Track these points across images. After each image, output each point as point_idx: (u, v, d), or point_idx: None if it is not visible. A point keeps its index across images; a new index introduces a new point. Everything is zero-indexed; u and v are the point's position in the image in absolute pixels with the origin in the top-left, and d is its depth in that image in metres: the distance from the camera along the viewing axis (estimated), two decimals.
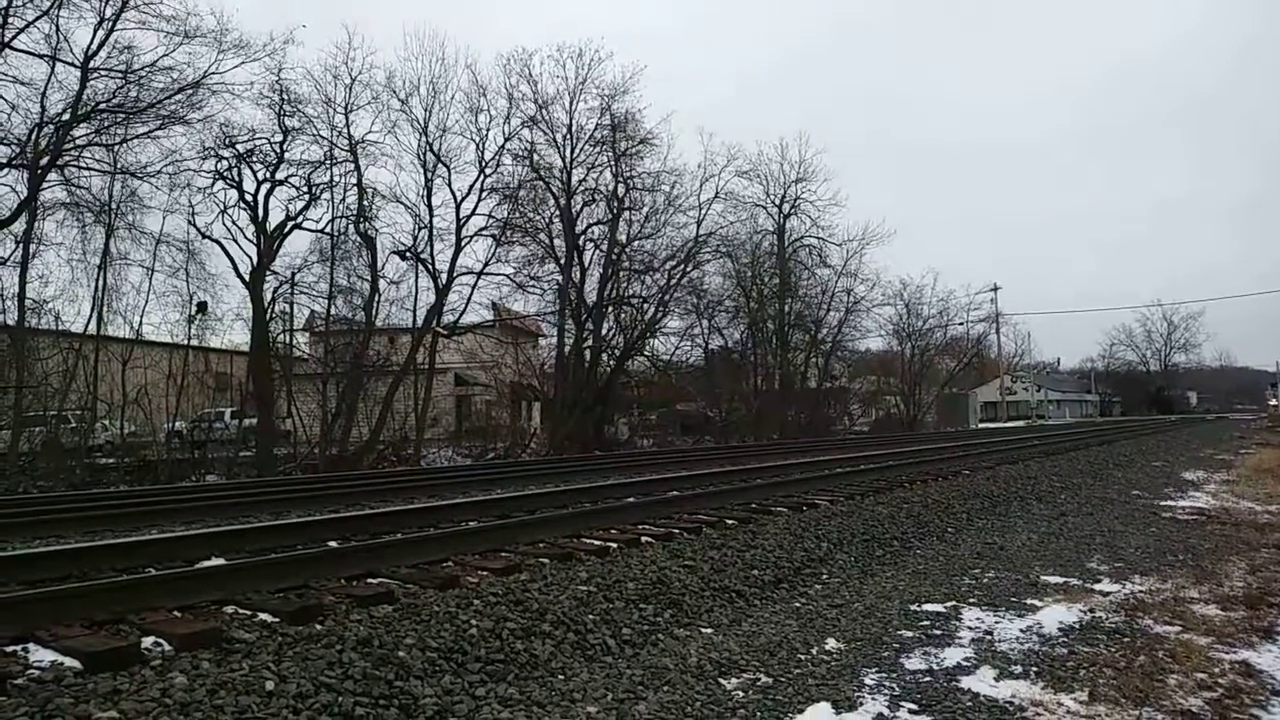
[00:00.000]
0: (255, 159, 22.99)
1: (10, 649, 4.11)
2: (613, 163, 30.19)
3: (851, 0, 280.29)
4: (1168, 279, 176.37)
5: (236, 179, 22.87)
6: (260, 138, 22.88)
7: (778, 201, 40.74)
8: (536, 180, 29.30)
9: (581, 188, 30.19)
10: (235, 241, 22.97)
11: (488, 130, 26.87)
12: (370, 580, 5.81)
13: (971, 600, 6.53)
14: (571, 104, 29.22)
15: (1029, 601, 6.48)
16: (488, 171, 26.92)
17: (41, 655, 4.07)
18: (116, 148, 20.90)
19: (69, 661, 3.97)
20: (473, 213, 26.69)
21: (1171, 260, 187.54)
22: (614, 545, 7.28)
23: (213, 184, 22.67)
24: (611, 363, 31.81)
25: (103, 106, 20.29)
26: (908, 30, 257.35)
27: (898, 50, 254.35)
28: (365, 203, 24.72)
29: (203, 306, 23.82)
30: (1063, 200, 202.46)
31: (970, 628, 5.75)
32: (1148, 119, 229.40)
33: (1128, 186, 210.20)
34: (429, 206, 25.84)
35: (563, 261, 29.81)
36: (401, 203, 25.80)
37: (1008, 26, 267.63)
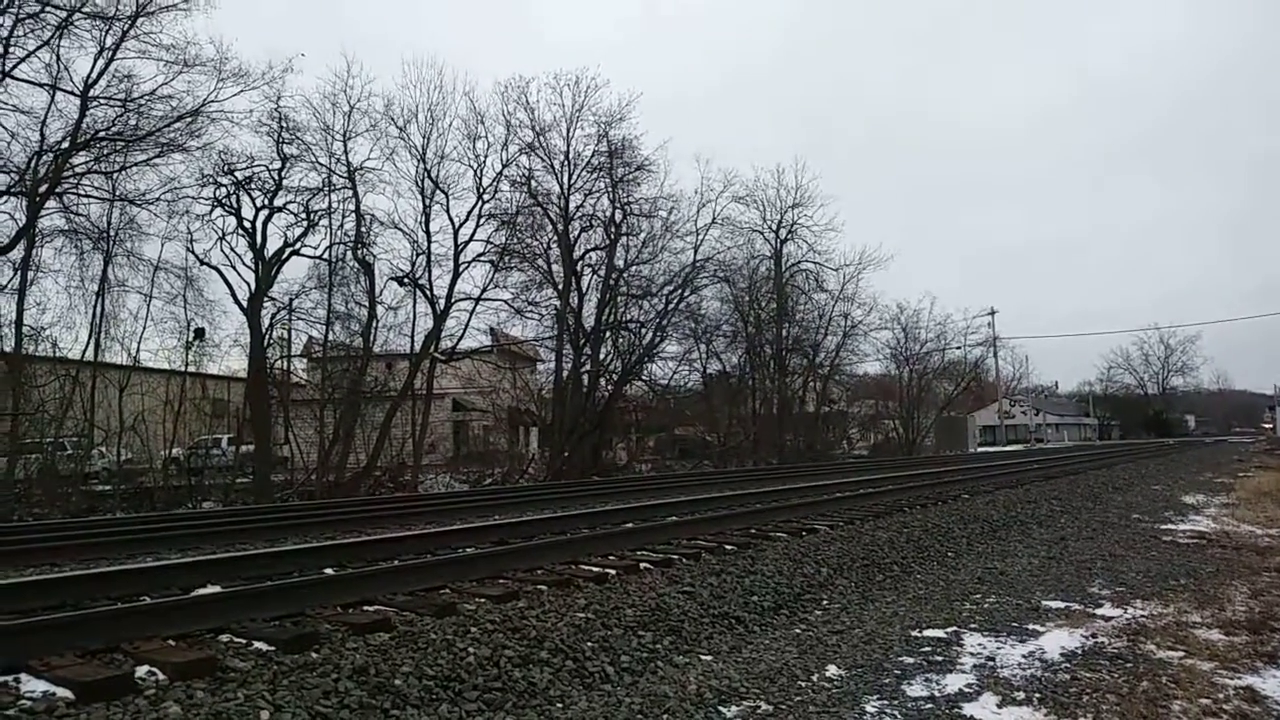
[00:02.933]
0: (254, 186, 23.14)
1: (1, 679, 4.06)
2: (610, 189, 30.41)
3: (848, 22, 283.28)
4: (1166, 301, 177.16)
5: (235, 206, 22.99)
6: (259, 165, 23.05)
7: (775, 227, 40.99)
8: (534, 206, 29.49)
9: (579, 214, 30.43)
10: (233, 268, 23.07)
11: (485, 157, 27.11)
12: (367, 608, 5.76)
13: (973, 626, 6.48)
14: (569, 131, 29.53)
15: (1031, 627, 6.44)
16: (486, 198, 27.12)
17: (34, 685, 4.01)
18: (115, 175, 21.01)
19: (61, 691, 3.91)
20: (471, 238, 26.86)
21: (1170, 282, 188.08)
22: (612, 572, 7.22)
23: (211, 211, 22.80)
24: (609, 387, 31.81)
25: (102, 134, 20.43)
26: (903, 55, 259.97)
27: (892, 74, 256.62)
28: (363, 229, 24.87)
29: (200, 333, 23.81)
30: (1061, 223, 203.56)
31: (972, 654, 5.71)
32: (1144, 139, 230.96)
33: (1125, 208, 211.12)
34: (427, 233, 26.00)
35: (560, 287, 29.91)
36: (400, 229, 25.95)
37: (1003, 51, 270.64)
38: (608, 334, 31.38)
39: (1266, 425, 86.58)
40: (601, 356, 31.26)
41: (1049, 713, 4.52)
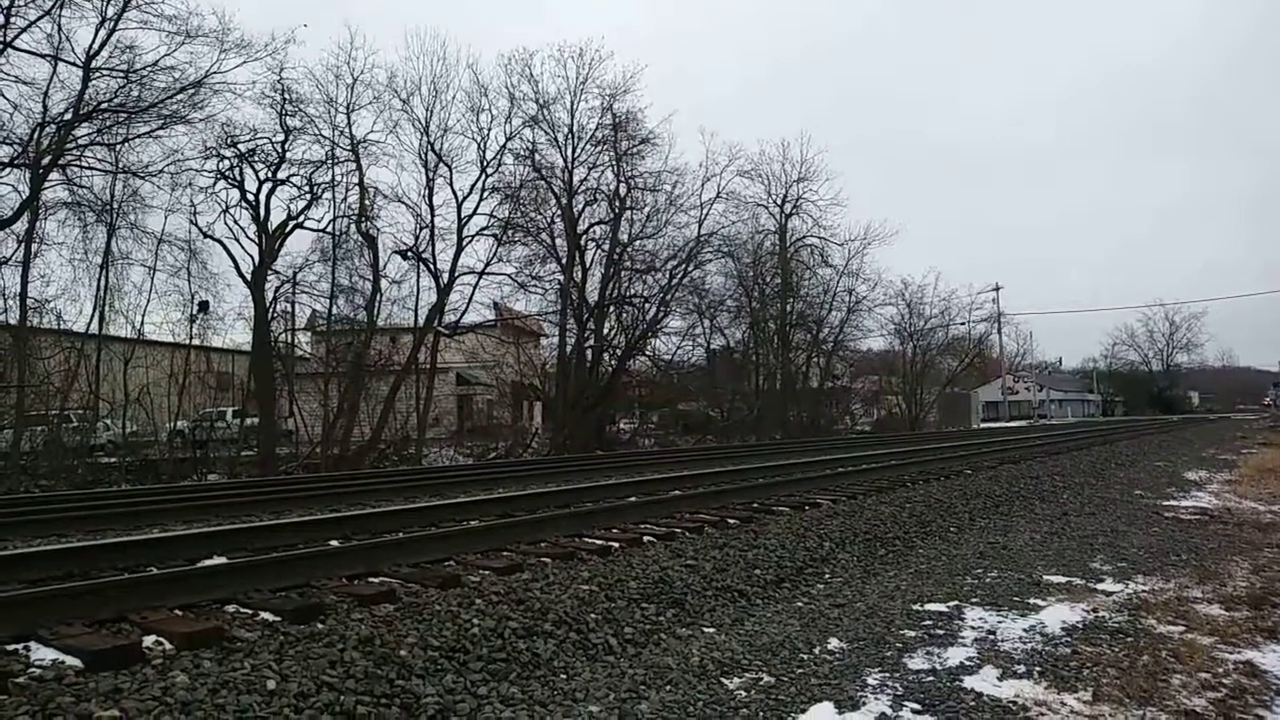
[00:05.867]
0: (257, 158, 23.02)
1: (12, 647, 4.10)
2: (614, 162, 30.23)
3: (853, 3, 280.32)
4: (1170, 278, 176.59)
5: (238, 178, 22.90)
6: (262, 137, 22.91)
7: (779, 201, 40.78)
8: (538, 180, 29.33)
9: (583, 187, 30.26)
10: (237, 241, 23.02)
11: (489, 130, 26.93)
12: (372, 579, 5.80)
13: (974, 600, 6.51)
14: (573, 103, 29.29)
15: (1032, 601, 6.46)
16: (489, 171, 26.97)
17: (43, 654, 4.06)
18: (118, 147, 20.91)
19: (70, 660, 3.96)
20: (474, 212, 26.74)
21: (1174, 260, 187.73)
22: (616, 545, 7.26)
23: (214, 183, 22.72)
24: (613, 362, 31.79)
25: (104, 106, 20.29)
26: (908, 33, 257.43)
27: (898, 53, 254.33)
28: (367, 202, 24.76)
29: (204, 306, 23.85)
30: (1065, 201, 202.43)
31: (973, 627, 5.74)
32: (1148, 119, 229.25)
33: (1130, 186, 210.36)
34: (430, 206, 25.90)
35: (564, 261, 29.82)
36: (403, 202, 25.86)
37: (1008, 28, 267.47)
38: (611, 308, 31.29)
39: (1266, 401, 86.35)
40: (605, 331, 31.23)
41: (1049, 686, 4.54)
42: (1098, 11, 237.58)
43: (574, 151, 29.69)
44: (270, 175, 23.21)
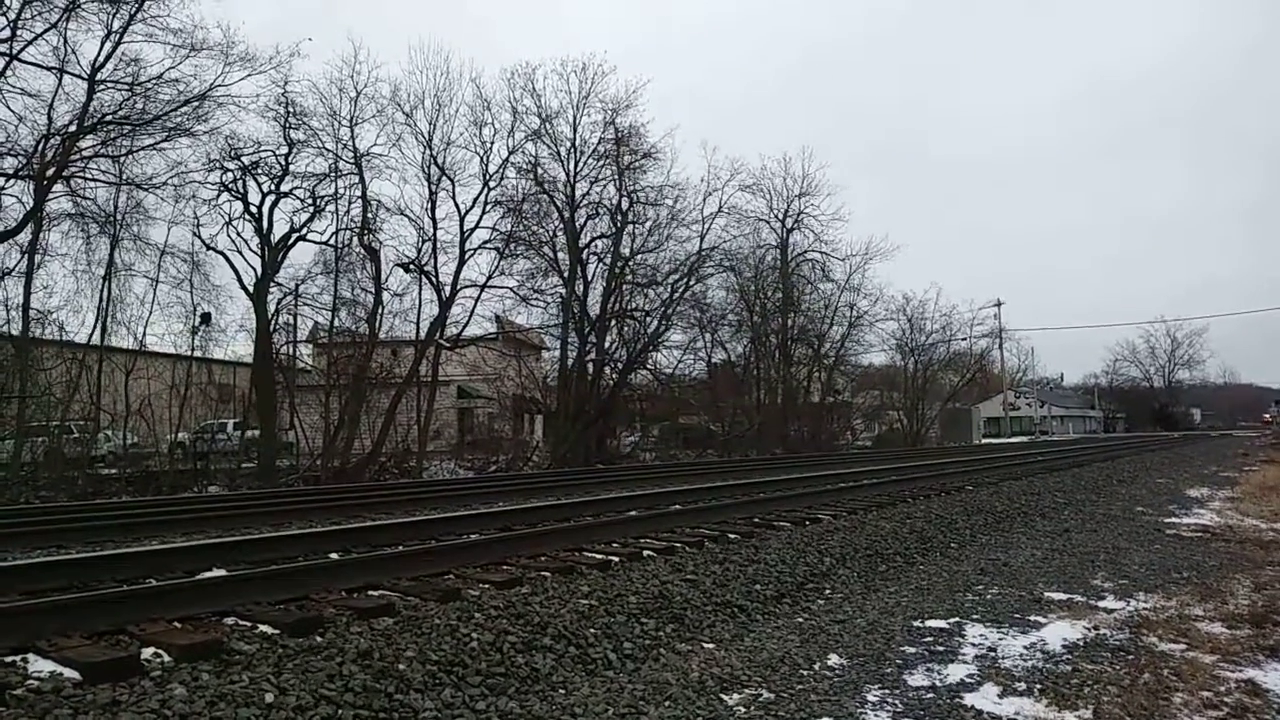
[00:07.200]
0: (260, 171, 23.12)
1: (9, 659, 4.09)
2: (616, 176, 30.28)
3: (851, 17, 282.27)
4: (1172, 294, 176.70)
5: (241, 191, 22.98)
6: (265, 150, 23.01)
7: (781, 216, 40.86)
8: (540, 193, 29.39)
9: (585, 201, 30.30)
10: (239, 253, 23.07)
11: (492, 143, 27.01)
12: (371, 592, 5.79)
13: (975, 616, 6.49)
14: (575, 118, 29.36)
15: (1033, 618, 6.45)
16: (491, 184, 27.04)
17: (41, 665, 4.05)
18: (122, 159, 21.00)
19: (68, 672, 3.95)
20: (476, 225, 26.78)
21: (1175, 275, 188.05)
22: (616, 559, 7.25)
23: (218, 196, 22.79)
24: (614, 376, 31.78)
25: (109, 118, 20.40)
26: (907, 48, 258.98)
27: (896, 67, 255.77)
28: (369, 215, 24.81)
29: (206, 318, 23.88)
30: (1065, 216, 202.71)
31: (974, 644, 5.72)
32: (1147, 131, 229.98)
33: (1130, 201, 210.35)
34: (433, 219, 25.97)
35: (566, 274, 29.85)
36: (405, 215, 25.93)
37: (1006, 43, 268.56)
38: (613, 322, 31.33)
39: (1267, 418, 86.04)
40: (606, 345, 31.24)
41: (1050, 704, 4.53)
42: (1095, 18, 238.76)
43: (576, 165, 29.79)
44: (273, 188, 23.33)
